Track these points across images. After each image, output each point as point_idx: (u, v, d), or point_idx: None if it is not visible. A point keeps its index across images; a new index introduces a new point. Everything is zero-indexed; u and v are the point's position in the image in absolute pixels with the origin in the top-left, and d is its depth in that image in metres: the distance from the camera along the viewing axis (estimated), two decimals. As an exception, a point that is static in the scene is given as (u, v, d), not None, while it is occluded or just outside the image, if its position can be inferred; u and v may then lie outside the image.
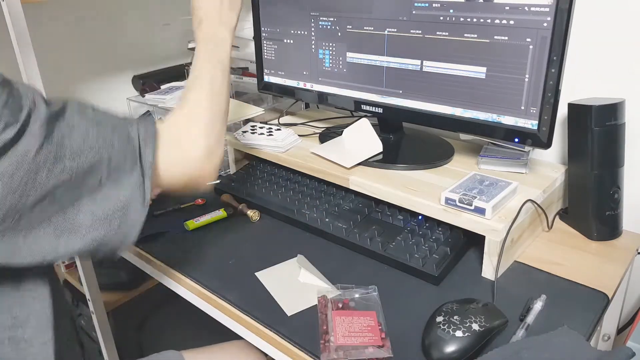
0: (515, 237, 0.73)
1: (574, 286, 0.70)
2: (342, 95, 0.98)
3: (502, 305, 0.65)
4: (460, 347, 0.57)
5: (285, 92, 1.08)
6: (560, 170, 0.86)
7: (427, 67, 0.84)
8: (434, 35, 0.81)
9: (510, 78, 0.76)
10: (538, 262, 0.75)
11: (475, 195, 0.73)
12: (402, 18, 0.84)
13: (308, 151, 0.95)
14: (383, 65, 0.89)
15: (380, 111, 0.93)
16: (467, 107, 0.82)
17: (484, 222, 0.70)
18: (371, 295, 0.68)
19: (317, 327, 0.64)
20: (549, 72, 0.72)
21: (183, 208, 0.96)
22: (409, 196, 0.78)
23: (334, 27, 0.94)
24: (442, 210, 0.75)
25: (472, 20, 0.77)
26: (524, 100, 0.76)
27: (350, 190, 0.87)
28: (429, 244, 0.75)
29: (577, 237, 0.82)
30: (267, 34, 1.05)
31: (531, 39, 0.72)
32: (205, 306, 0.75)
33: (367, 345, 0.60)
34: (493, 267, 0.71)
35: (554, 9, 0.69)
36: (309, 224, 0.85)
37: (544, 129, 0.75)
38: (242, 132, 1.02)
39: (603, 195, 0.78)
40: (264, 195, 0.93)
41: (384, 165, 0.88)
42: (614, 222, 0.80)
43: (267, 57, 1.07)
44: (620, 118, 0.76)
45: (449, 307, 0.62)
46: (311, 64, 1.00)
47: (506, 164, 0.85)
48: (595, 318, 0.64)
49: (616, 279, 0.71)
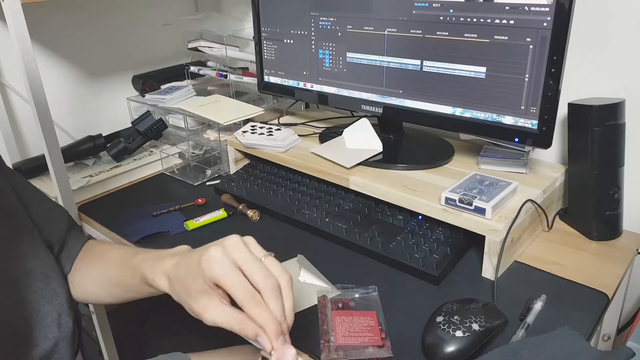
0: (515, 237, 0.73)
1: (574, 286, 0.70)
2: (342, 95, 0.98)
3: (502, 305, 0.65)
4: (460, 347, 0.57)
5: (285, 92, 1.08)
6: (560, 170, 0.86)
7: (427, 67, 0.84)
8: (434, 35, 0.81)
9: (510, 78, 0.76)
10: (538, 262, 0.75)
11: (475, 195, 0.73)
12: (402, 18, 0.84)
13: (308, 151, 0.95)
14: (383, 65, 0.89)
15: (380, 111, 0.93)
16: (467, 107, 0.82)
17: (484, 222, 0.70)
18: (371, 295, 0.68)
19: (317, 327, 0.64)
20: (549, 72, 0.72)
21: (183, 208, 0.96)
22: (409, 196, 0.78)
23: (334, 27, 0.94)
24: (442, 210, 0.74)
25: (472, 20, 0.77)
26: (524, 100, 0.76)
27: (350, 190, 0.87)
28: (429, 244, 0.75)
29: (577, 237, 0.82)
30: (267, 34, 1.05)
31: (531, 39, 0.72)
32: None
33: (367, 345, 0.60)
34: (493, 267, 0.71)
35: (554, 9, 0.69)
36: (309, 224, 0.85)
37: (544, 129, 0.75)
38: (242, 132, 1.02)
39: (603, 195, 0.78)
40: (264, 195, 0.93)
41: (384, 165, 0.88)
42: (614, 222, 0.80)
43: (267, 57, 1.07)
44: (620, 118, 0.76)
45: (449, 307, 0.62)
46: (311, 64, 1.00)
47: (506, 164, 0.85)
48: (595, 318, 0.64)
49: (616, 279, 0.71)
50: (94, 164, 1.12)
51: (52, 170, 0.91)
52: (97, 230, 0.95)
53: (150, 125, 1.13)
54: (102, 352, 1.16)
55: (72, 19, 1.19)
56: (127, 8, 1.28)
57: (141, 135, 1.13)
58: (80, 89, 1.25)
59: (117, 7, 1.26)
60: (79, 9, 1.19)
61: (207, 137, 1.14)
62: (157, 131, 1.15)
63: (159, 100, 1.17)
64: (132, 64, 1.32)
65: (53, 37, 1.17)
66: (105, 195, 1.05)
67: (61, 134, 1.19)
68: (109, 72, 1.29)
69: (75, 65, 1.22)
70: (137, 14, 1.30)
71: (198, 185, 1.06)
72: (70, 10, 1.18)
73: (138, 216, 0.94)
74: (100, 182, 1.05)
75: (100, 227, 0.94)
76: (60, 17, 1.17)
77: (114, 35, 1.27)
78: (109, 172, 1.08)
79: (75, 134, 1.22)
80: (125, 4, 1.27)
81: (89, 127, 1.24)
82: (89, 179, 1.04)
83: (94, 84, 1.27)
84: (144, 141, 1.14)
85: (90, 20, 1.22)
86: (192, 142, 1.17)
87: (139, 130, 1.13)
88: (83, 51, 1.23)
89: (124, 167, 1.10)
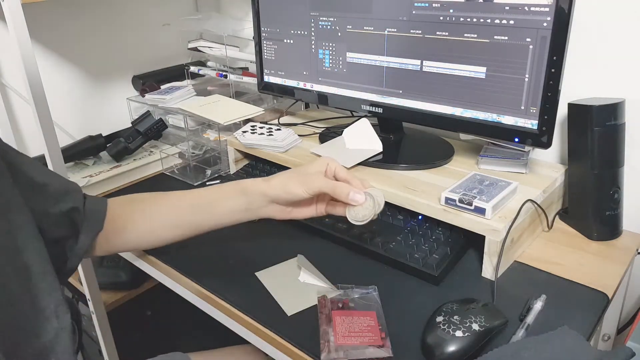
0: (515, 237, 0.73)
1: (574, 286, 0.70)
2: (342, 95, 0.98)
3: (502, 305, 0.65)
4: (460, 347, 0.57)
5: (285, 92, 1.08)
6: (560, 170, 0.86)
7: (427, 67, 0.84)
8: (434, 35, 0.81)
9: (510, 78, 0.76)
10: (538, 262, 0.75)
11: (475, 195, 0.73)
12: (402, 18, 0.84)
13: (308, 151, 0.95)
14: (383, 65, 0.89)
15: (380, 111, 0.93)
16: (467, 107, 0.82)
17: (484, 222, 0.70)
18: (371, 295, 0.68)
19: (317, 327, 0.64)
20: (549, 72, 0.72)
21: (183, 208, 0.96)
22: (409, 196, 0.78)
23: (334, 27, 0.94)
24: (442, 210, 0.74)
25: (472, 20, 0.77)
26: (524, 100, 0.76)
27: (350, 190, 0.87)
28: (429, 244, 0.75)
29: (577, 237, 0.82)
30: (267, 34, 1.05)
31: (531, 39, 0.72)
32: (205, 306, 0.75)
33: (367, 345, 0.60)
34: (493, 267, 0.71)
35: (554, 9, 0.69)
36: (309, 224, 0.85)
37: (544, 129, 0.75)
38: (242, 132, 1.02)
39: (603, 195, 0.78)
40: (264, 195, 0.93)
41: (384, 165, 0.88)
42: (614, 222, 0.80)
43: (267, 57, 1.07)
44: (620, 118, 0.76)
45: (449, 307, 0.62)
46: (311, 64, 1.00)
47: (506, 164, 0.85)
48: (595, 318, 0.64)
49: (616, 279, 0.71)
50: (94, 164, 1.12)
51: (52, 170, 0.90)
52: (97, 230, 0.95)
53: (150, 125, 1.13)
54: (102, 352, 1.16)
55: (72, 18, 1.19)
56: (128, 8, 1.28)
57: (141, 135, 1.13)
58: (80, 89, 1.25)
59: (117, 7, 1.26)
60: (79, 9, 1.19)
61: (207, 137, 1.14)
62: (157, 131, 1.15)
63: (159, 100, 1.17)
64: (132, 64, 1.32)
65: (53, 37, 1.17)
66: (105, 195, 1.05)
67: (61, 134, 1.19)
68: (109, 72, 1.29)
69: (75, 65, 1.22)
70: (137, 14, 1.30)
71: (198, 186, 1.06)
72: (70, 10, 1.18)
73: (138, 216, 0.94)
74: (100, 182, 1.05)
75: (100, 227, 0.93)
76: (60, 17, 1.17)
77: (114, 35, 1.27)
78: (109, 172, 1.08)
79: (75, 134, 1.22)
80: (125, 3, 1.27)
81: (89, 127, 1.24)
82: (89, 179, 1.04)
83: (94, 84, 1.27)
84: (144, 141, 1.14)
85: (90, 20, 1.22)
86: (192, 142, 1.17)
87: (139, 130, 1.13)
88: (83, 51, 1.23)
89: (124, 167, 1.10)
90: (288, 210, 0.69)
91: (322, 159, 0.69)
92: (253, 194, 0.68)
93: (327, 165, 0.67)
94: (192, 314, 0.86)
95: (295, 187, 0.65)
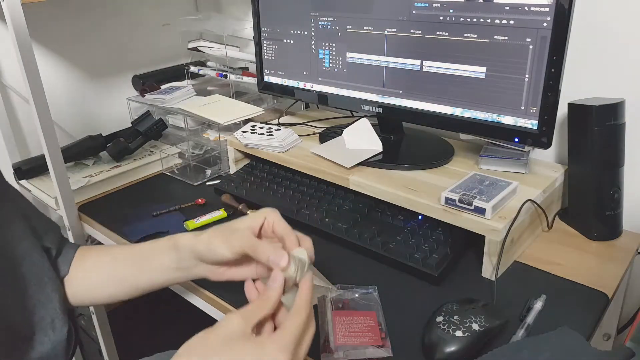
0: (515, 237, 0.73)
1: (574, 286, 0.70)
2: (342, 95, 0.98)
3: (502, 305, 0.65)
4: (460, 347, 0.57)
5: (285, 92, 1.08)
6: (560, 170, 0.86)
7: (427, 67, 0.84)
8: (434, 35, 0.81)
9: (510, 78, 0.76)
10: (538, 262, 0.75)
11: (475, 195, 0.73)
12: (402, 18, 0.84)
13: (308, 151, 0.95)
14: (383, 65, 0.89)
15: (380, 111, 0.93)
16: (467, 107, 0.82)
17: (484, 222, 0.70)
18: (371, 295, 0.68)
19: (317, 327, 0.63)
20: (548, 72, 0.72)
21: (183, 208, 0.96)
22: (409, 196, 0.78)
23: (334, 27, 0.94)
24: (442, 210, 0.74)
25: (472, 20, 0.77)
26: (524, 100, 0.76)
27: (350, 190, 0.87)
28: (429, 244, 0.75)
29: (577, 237, 0.82)
30: (267, 34, 1.05)
31: (531, 39, 0.72)
32: (205, 306, 0.75)
33: (367, 345, 0.60)
34: (493, 267, 0.71)
35: (554, 9, 0.69)
36: (309, 224, 0.85)
37: (544, 129, 0.75)
38: (242, 132, 1.02)
39: (603, 195, 0.78)
40: (264, 195, 0.93)
41: (384, 165, 0.88)
42: (614, 222, 0.80)
43: (267, 57, 1.07)
44: (620, 118, 0.76)
45: (449, 307, 0.62)
46: (311, 64, 1.00)
47: (506, 164, 0.85)
48: (595, 318, 0.64)
49: (616, 279, 0.71)
50: (94, 164, 1.12)
51: (52, 170, 0.91)
52: (97, 230, 0.95)
53: (150, 125, 1.13)
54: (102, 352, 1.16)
55: (72, 18, 1.19)
56: (128, 8, 1.28)
57: (141, 135, 1.13)
58: (80, 89, 1.25)
59: (117, 7, 1.26)
60: (79, 9, 1.19)
61: (207, 137, 1.14)
62: (157, 131, 1.15)
63: (159, 100, 1.17)
64: (132, 64, 1.32)
65: (53, 37, 1.17)
66: (105, 195, 1.05)
67: (61, 134, 1.19)
68: (109, 72, 1.29)
69: (75, 65, 1.22)
70: (137, 14, 1.30)
71: (198, 185, 1.06)
72: (70, 10, 1.18)
73: (138, 216, 0.94)
74: (100, 182, 1.05)
75: (100, 227, 0.94)
76: (60, 17, 1.17)
77: (114, 35, 1.27)
78: (109, 172, 1.08)
79: (75, 134, 1.22)
80: (125, 4, 1.27)
81: (89, 127, 1.24)
82: (89, 179, 1.04)
83: (94, 84, 1.27)
84: (144, 141, 1.14)
85: (90, 20, 1.22)
86: (192, 142, 1.17)
87: (139, 130, 1.13)
88: (83, 51, 1.23)
89: (124, 167, 1.10)
90: (220, 272, 0.62)
91: (261, 211, 0.61)
92: (183, 249, 0.62)
93: (264, 219, 0.60)
94: (192, 314, 0.86)
95: (218, 246, 0.58)
